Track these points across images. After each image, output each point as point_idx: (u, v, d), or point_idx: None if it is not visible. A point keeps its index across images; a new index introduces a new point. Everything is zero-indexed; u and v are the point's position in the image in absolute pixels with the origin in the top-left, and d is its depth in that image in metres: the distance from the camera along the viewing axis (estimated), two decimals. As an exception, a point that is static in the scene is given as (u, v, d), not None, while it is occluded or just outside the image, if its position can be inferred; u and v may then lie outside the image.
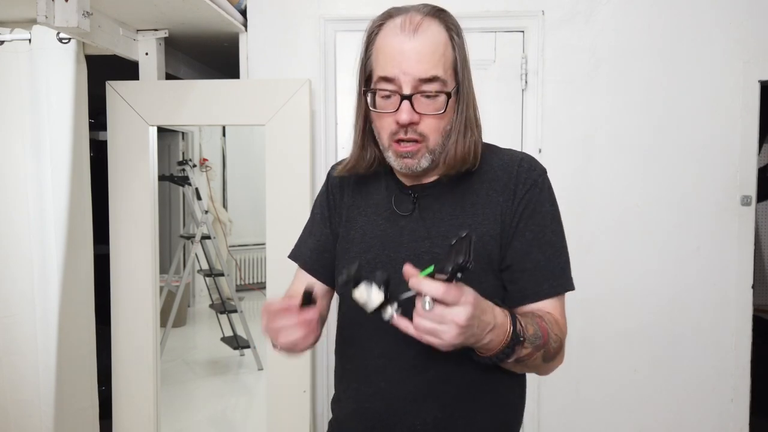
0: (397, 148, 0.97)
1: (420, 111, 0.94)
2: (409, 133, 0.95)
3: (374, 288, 0.82)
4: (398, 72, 0.93)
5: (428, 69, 0.92)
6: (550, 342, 0.93)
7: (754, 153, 2.28)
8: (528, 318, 0.92)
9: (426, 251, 0.99)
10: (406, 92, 0.93)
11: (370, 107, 0.98)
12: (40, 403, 2.12)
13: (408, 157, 0.97)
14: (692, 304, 2.32)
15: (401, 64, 0.92)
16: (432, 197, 1.03)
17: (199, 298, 5.44)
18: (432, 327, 0.79)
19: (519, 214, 0.99)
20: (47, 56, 2.04)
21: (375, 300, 0.82)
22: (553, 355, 0.95)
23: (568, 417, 2.38)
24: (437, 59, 0.93)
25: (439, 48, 0.94)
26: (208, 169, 4.80)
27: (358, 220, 1.08)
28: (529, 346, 0.89)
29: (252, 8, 2.37)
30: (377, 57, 0.97)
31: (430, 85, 0.93)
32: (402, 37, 0.93)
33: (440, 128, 0.96)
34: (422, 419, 0.99)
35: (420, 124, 0.95)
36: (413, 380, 0.99)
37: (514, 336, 0.86)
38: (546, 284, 0.98)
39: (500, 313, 0.86)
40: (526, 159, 1.04)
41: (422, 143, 0.96)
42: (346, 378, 1.08)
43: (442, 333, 0.79)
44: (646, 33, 2.29)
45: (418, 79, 0.92)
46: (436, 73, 0.93)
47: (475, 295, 0.81)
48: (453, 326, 0.78)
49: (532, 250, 0.98)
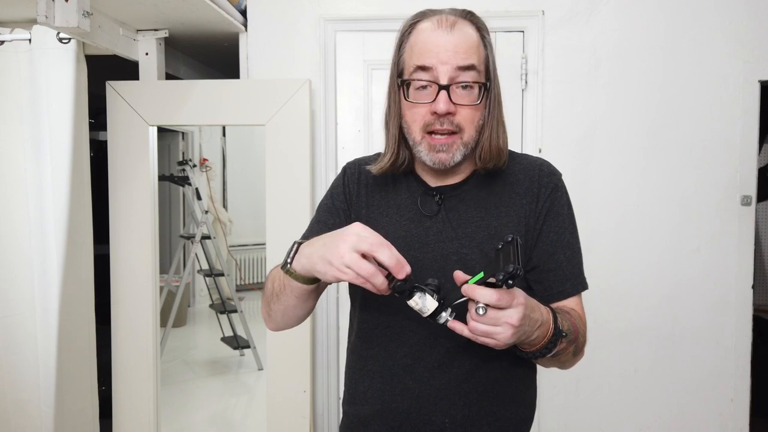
0: (431, 140, 0.98)
1: (456, 101, 0.95)
2: (445, 124, 0.96)
3: (428, 296, 0.85)
4: (435, 61, 0.95)
5: (466, 58, 0.95)
6: (579, 337, 0.98)
7: (754, 153, 2.28)
8: (561, 314, 0.96)
9: (453, 252, 1.01)
10: (443, 82, 0.95)
11: (405, 98, 0.99)
12: (40, 403, 2.12)
13: (442, 150, 0.98)
14: (692, 304, 2.32)
15: (439, 54, 0.95)
16: (457, 198, 1.05)
17: (199, 298, 5.44)
18: (487, 329, 0.83)
19: (542, 216, 1.03)
20: (47, 56, 2.04)
21: (430, 306, 0.85)
22: (580, 348, 1.01)
23: (568, 417, 2.38)
24: (473, 51, 0.97)
25: (474, 44, 0.97)
26: (208, 169, 4.80)
27: (380, 221, 1.08)
28: (565, 341, 0.93)
29: (252, 8, 2.37)
30: (412, 51, 0.98)
31: (467, 74, 0.95)
32: (439, 31, 0.96)
33: (475, 120, 0.98)
34: (451, 416, 1.00)
35: (456, 115, 0.96)
36: (440, 378, 1.00)
37: (557, 331, 0.90)
38: (568, 283, 1.04)
39: (545, 310, 0.91)
40: (545, 164, 1.08)
41: (457, 135, 0.97)
42: (367, 378, 1.07)
43: (497, 334, 0.83)
44: (646, 33, 2.29)
45: (456, 67, 0.94)
46: (473, 62, 0.96)
47: (525, 295, 0.85)
48: (507, 327, 0.82)
49: (556, 251, 1.03)
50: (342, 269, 0.85)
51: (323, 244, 0.89)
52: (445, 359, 1.00)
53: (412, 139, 1.00)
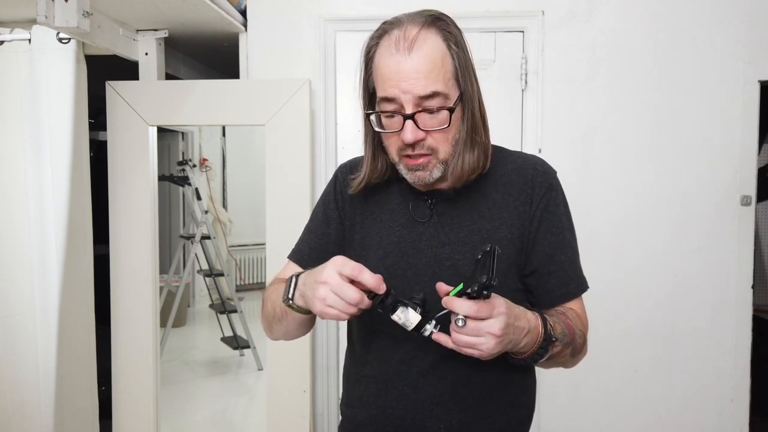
0: (407, 162, 0.97)
1: (424, 128, 0.93)
2: (416, 149, 0.95)
3: (410, 310, 0.86)
4: (398, 92, 0.92)
5: (427, 86, 0.91)
6: (576, 337, 0.97)
7: (754, 153, 2.28)
8: (554, 317, 0.95)
9: (447, 257, 1.00)
10: (408, 111, 0.92)
11: (375, 128, 0.98)
12: (40, 403, 2.12)
13: (419, 170, 0.97)
14: (692, 304, 2.32)
15: (400, 84, 0.91)
16: (448, 203, 1.03)
17: (199, 298, 5.44)
18: (469, 341, 0.83)
19: (538, 218, 1.01)
20: (47, 56, 2.04)
21: (413, 320, 0.86)
22: (579, 349, 0.99)
23: (568, 417, 2.38)
24: (436, 74, 0.91)
25: (437, 63, 0.92)
26: (208, 169, 4.79)
27: (373, 227, 1.07)
28: (559, 344, 0.92)
29: (252, 8, 2.37)
30: (377, 77, 0.96)
31: (432, 101, 0.92)
32: (398, 56, 0.91)
33: (448, 140, 0.96)
34: (447, 422, 0.99)
35: (427, 139, 0.94)
36: (435, 384, 0.99)
37: (547, 336, 0.90)
38: (572, 284, 1.03)
39: (532, 316, 0.90)
40: (539, 162, 1.06)
41: (431, 155, 0.96)
42: (362, 382, 1.07)
43: (480, 345, 0.83)
44: (646, 33, 2.29)
45: (419, 97, 0.91)
46: (436, 89, 0.91)
47: (507, 304, 0.84)
48: (490, 337, 0.82)
49: (556, 252, 1.01)
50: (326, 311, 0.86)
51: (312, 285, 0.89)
52: (439, 365, 0.99)
53: (392, 158, 1.00)
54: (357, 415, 1.08)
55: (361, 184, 1.06)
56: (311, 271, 0.94)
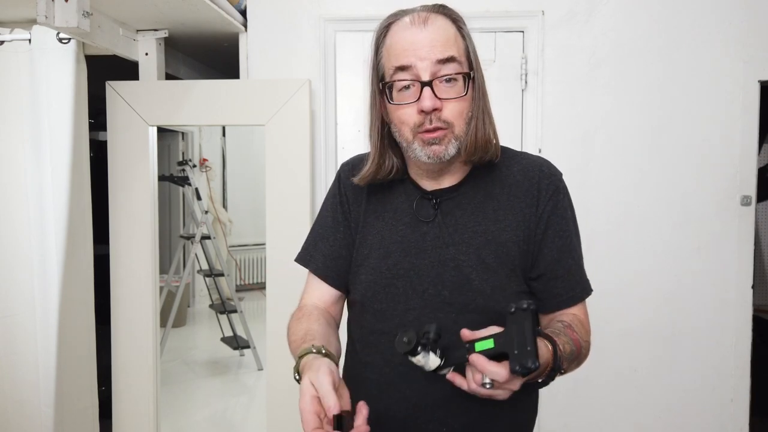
0: (423, 136, 0.95)
1: (441, 96, 0.93)
2: (433, 122, 0.94)
3: (431, 355, 0.83)
4: (414, 59, 0.92)
5: (444, 50, 0.93)
6: (582, 351, 0.98)
7: (754, 153, 2.28)
8: (562, 336, 0.93)
9: (451, 258, 0.99)
10: (425, 78, 0.92)
11: (389, 101, 0.97)
12: (40, 403, 2.12)
13: (435, 143, 0.95)
14: (692, 304, 2.32)
15: (416, 51, 0.92)
16: (453, 203, 1.02)
17: (199, 298, 5.44)
18: (488, 393, 0.82)
19: (545, 221, 1.00)
20: (47, 56, 2.04)
21: (432, 365, 0.84)
22: (583, 357, 1.00)
23: (567, 417, 2.37)
24: (451, 43, 0.94)
25: (450, 36, 0.95)
26: (208, 169, 4.80)
27: (375, 225, 1.06)
28: (566, 363, 0.92)
29: (252, 8, 2.37)
30: (389, 53, 0.96)
31: (448, 67, 0.93)
32: (413, 29, 0.94)
33: (463, 113, 0.96)
34: (449, 425, 0.98)
35: (443, 110, 0.94)
36: (439, 386, 0.98)
37: (555, 367, 0.89)
38: (578, 288, 1.02)
39: (546, 352, 0.87)
40: (545, 164, 1.05)
41: (448, 129, 0.95)
42: (363, 385, 1.05)
43: (497, 396, 0.83)
44: (646, 33, 2.29)
45: (436, 61, 0.92)
46: (453, 54, 0.93)
47: None
48: (507, 392, 0.83)
49: (563, 256, 1.01)
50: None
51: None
52: None
53: (405, 140, 0.98)
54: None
55: (367, 178, 1.04)
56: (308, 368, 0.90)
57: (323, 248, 1.11)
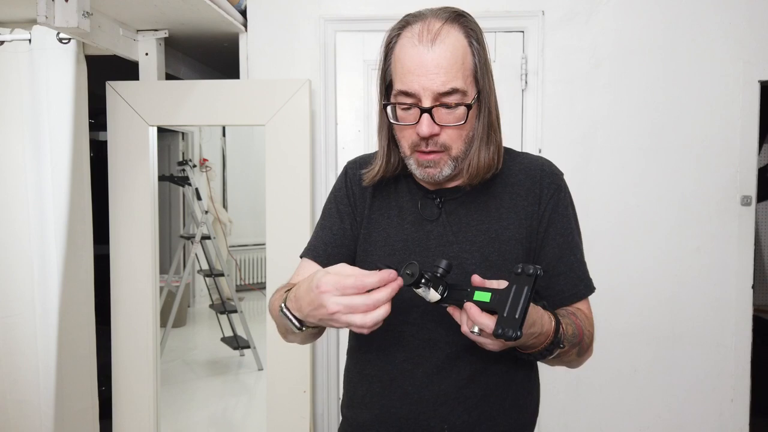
0: (419, 157, 0.97)
1: (440, 123, 0.93)
2: (429, 145, 0.95)
3: (432, 291, 0.85)
4: (417, 87, 0.92)
5: (447, 82, 0.91)
6: (584, 339, 0.98)
7: (754, 153, 2.28)
8: (566, 318, 0.95)
9: (454, 256, 1.00)
10: (425, 105, 0.92)
11: (391, 119, 0.98)
12: (40, 403, 2.12)
13: (430, 166, 0.96)
14: (692, 304, 2.32)
15: (420, 78, 0.91)
16: (457, 202, 1.04)
17: (199, 298, 5.44)
18: (478, 340, 0.85)
19: (547, 219, 1.02)
20: (47, 56, 2.04)
21: (432, 299, 0.86)
22: (585, 349, 1.00)
23: (568, 417, 2.38)
24: (456, 70, 0.92)
25: (458, 58, 0.92)
26: (208, 169, 4.80)
27: (381, 222, 1.07)
28: (567, 345, 0.93)
29: (252, 8, 2.37)
30: (396, 68, 0.96)
31: (450, 98, 0.92)
32: (420, 48, 0.92)
33: (462, 137, 0.96)
34: (450, 422, 0.99)
35: (441, 135, 0.95)
36: (439, 384, 0.99)
37: (556, 340, 0.90)
38: (581, 285, 1.04)
39: (547, 321, 0.89)
40: (546, 163, 1.06)
41: (444, 152, 0.96)
42: (365, 382, 1.06)
43: (487, 345, 0.86)
44: (646, 33, 2.29)
45: (438, 93, 0.92)
46: (456, 86, 0.92)
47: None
48: (498, 344, 0.85)
49: (565, 253, 1.02)
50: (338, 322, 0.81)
51: (315, 315, 0.83)
52: (444, 365, 0.99)
53: (403, 152, 1.00)
54: (359, 416, 1.07)
55: (377, 177, 1.05)
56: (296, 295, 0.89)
57: (325, 237, 1.11)
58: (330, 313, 0.80)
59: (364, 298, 0.79)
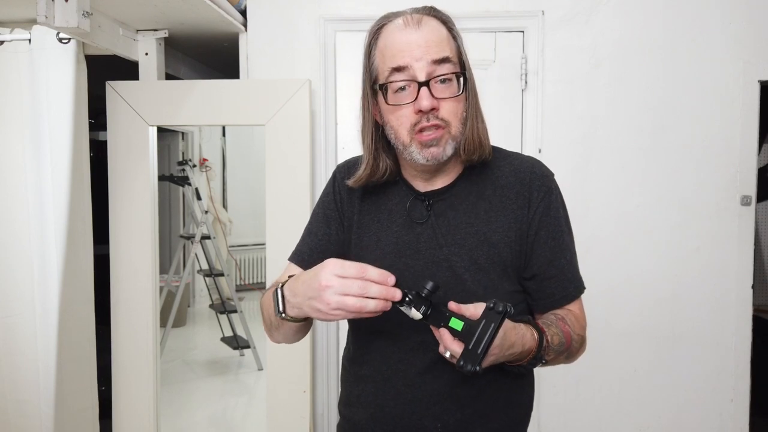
0: (420, 137, 0.96)
1: (438, 96, 0.95)
2: (431, 120, 0.95)
3: (413, 311, 0.88)
4: (410, 59, 0.94)
5: (439, 51, 0.94)
6: (572, 344, 0.99)
7: (754, 153, 2.28)
8: (552, 327, 0.96)
9: (444, 259, 1.00)
10: (421, 79, 0.94)
11: (389, 102, 0.97)
12: (40, 403, 2.12)
13: (433, 145, 0.96)
14: (692, 304, 2.32)
15: (412, 52, 0.94)
16: (446, 204, 1.04)
17: (199, 298, 5.44)
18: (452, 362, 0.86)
19: (537, 222, 1.01)
20: (47, 56, 2.04)
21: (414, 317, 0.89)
22: (575, 352, 1.02)
23: (568, 417, 2.38)
24: (445, 44, 0.96)
25: (443, 37, 0.97)
26: (208, 169, 4.80)
27: (371, 226, 1.07)
28: (552, 354, 0.94)
29: (252, 8, 2.37)
30: (383, 55, 0.97)
31: (443, 67, 0.95)
32: (407, 30, 0.95)
33: (459, 113, 0.98)
34: (444, 421, 1.00)
35: (440, 109, 0.95)
36: (433, 383, 1.00)
37: (538, 356, 0.91)
38: (571, 287, 1.04)
39: (529, 338, 0.90)
40: (537, 164, 1.06)
41: (445, 128, 0.96)
42: (361, 382, 1.07)
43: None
44: (646, 33, 2.29)
45: (432, 61, 0.94)
46: (447, 54, 0.95)
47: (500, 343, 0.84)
48: None
49: (556, 256, 1.02)
50: (333, 314, 0.85)
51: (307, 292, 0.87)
52: (437, 364, 0.99)
53: (402, 143, 0.98)
54: (355, 415, 1.08)
55: (362, 180, 1.05)
56: (297, 277, 0.94)
57: (311, 242, 1.13)
58: (324, 286, 0.83)
59: (360, 282, 0.83)
